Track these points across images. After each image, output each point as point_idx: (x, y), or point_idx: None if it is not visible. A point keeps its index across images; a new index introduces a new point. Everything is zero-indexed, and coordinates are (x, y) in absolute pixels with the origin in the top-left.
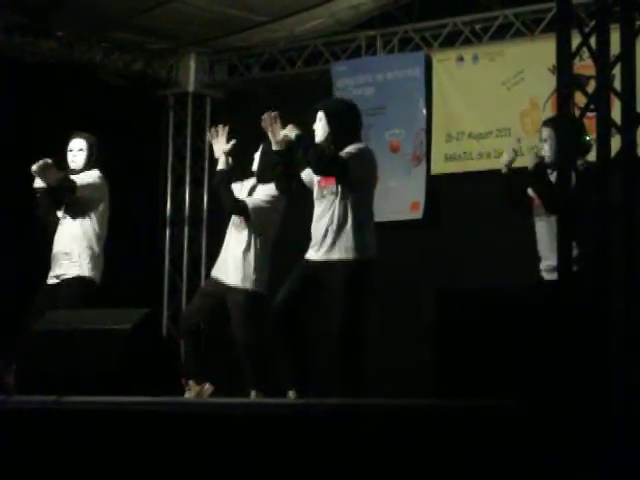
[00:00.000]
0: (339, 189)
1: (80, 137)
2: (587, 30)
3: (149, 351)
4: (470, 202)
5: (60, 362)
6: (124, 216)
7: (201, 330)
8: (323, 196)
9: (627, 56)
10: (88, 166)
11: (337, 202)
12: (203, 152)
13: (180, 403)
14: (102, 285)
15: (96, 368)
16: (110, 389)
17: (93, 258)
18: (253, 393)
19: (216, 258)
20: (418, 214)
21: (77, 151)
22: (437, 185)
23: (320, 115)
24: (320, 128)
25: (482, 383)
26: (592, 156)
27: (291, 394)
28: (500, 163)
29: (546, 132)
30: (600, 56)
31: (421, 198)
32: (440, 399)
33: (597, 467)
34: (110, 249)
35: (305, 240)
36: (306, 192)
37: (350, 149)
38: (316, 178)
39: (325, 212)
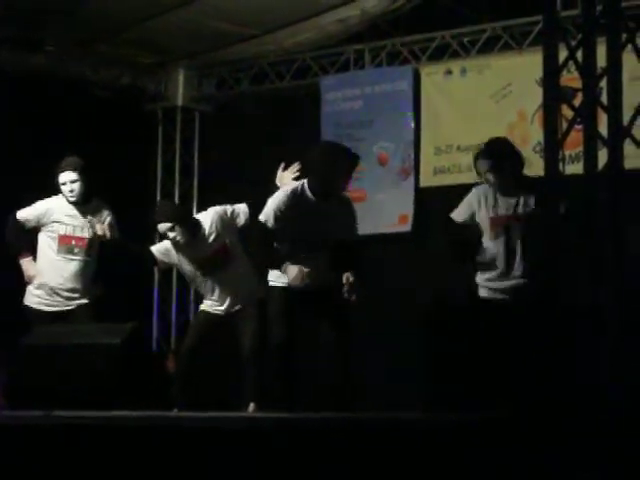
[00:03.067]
0: None
1: (69, 169)
2: (574, 43)
3: (138, 365)
4: None
5: (50, 376)
6: None
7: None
8: None
9: (614, 69)
10: (86, 194)
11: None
12: (192, 166)
13: (170, 417)
14: (92, 300)
15: (86, 382)
16: (100, 403)
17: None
18: (252, 405)
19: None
20: (407, 227)
21: (70, 183)
22: (426, 198)
23: None
24: None
25: (474, 394)
26: (579, 168)
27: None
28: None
29: (484, 164)
30: (587, 69)
31: (410, 211)
32: (430, 411)
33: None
34: (100, 264)
35: None
36: None
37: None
38: None
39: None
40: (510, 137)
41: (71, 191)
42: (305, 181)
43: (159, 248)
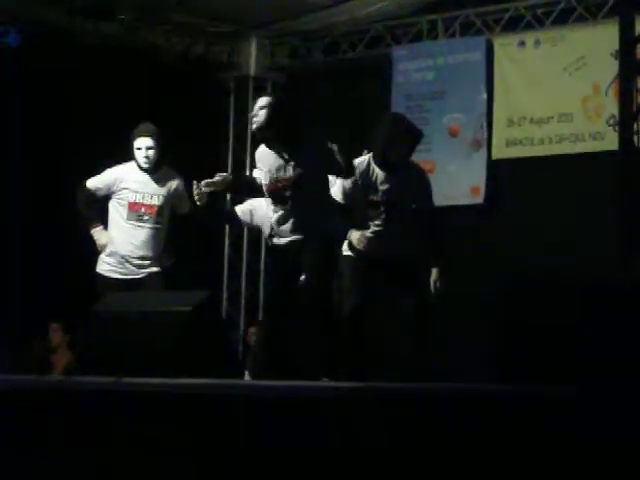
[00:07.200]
0: None
1: (146, 135)
2: None
3: (208, 333)
4: (531, 187)
5: (120, 344)
6: None
7: None
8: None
9: None
10: (160, 162)
11: None
12: None
13: (240, 386)
14: (163, 269)
15: (156, 350)
16: (170, 371)
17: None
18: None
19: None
20: (479, 199)
21: (146, 150)
22: (498, 170)
23: None
24: None
25: (543, 369)
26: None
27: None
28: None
29: None
30: None
31: (482, 183)
32: (502, 384)
33: None
34: (170, 234)
35: None
36: None
37: None
38: None
39: None
40: (583, 110)
41: (146, 157)
42: (372, 153)
43: (242, 208)
